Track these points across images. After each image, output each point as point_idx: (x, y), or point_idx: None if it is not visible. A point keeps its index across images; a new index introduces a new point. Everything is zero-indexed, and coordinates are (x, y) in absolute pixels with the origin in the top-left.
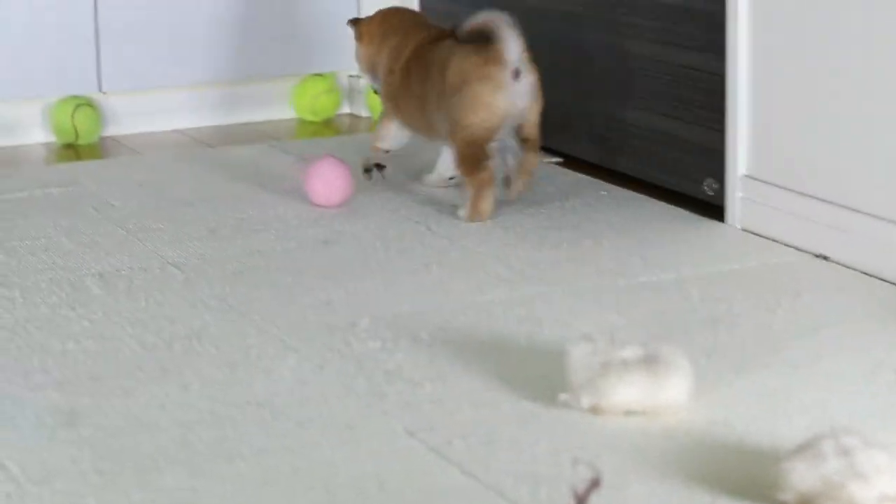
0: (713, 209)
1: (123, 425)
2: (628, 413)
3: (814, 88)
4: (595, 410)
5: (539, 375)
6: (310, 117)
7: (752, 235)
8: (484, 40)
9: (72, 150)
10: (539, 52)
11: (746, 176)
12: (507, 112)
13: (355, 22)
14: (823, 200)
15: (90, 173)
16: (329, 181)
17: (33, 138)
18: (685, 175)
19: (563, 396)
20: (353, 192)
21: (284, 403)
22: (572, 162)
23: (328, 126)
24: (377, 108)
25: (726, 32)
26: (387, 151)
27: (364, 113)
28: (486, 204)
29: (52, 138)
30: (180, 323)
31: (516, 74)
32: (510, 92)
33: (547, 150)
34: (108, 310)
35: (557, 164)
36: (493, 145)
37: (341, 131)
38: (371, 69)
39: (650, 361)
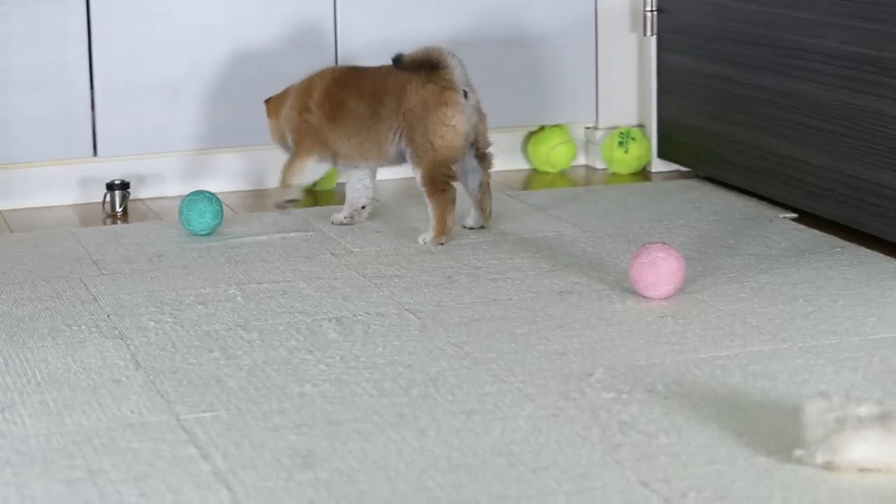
0: None
1: (360, 469)
2: (863, 470)
3: None
4: (829, 467)
5: (774, 431)
6: (546, 168)
7: None
8: (428, 68)
9: (310, 196)
10: (773, 108)
11: None
12: (469, 130)
13: (268, 101)
14: None
15: (328, 219)
16: (662, 273)
17: (273, 184)
18: None
19: (797, 452)
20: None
21: (520, 451)
22: (807, 217)
23: (563, 177)
24: (614, 160)
25: None
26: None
27: (599, 165)
28: (451, 221)
29: None
30: (417, 369)
31: (465, 95)
32: (467, 110)
33: (781, 205)
34: (345, 354)
35: (792, 219)
36: (457, 166)
37: (577, 183)
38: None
39: (886, 419)
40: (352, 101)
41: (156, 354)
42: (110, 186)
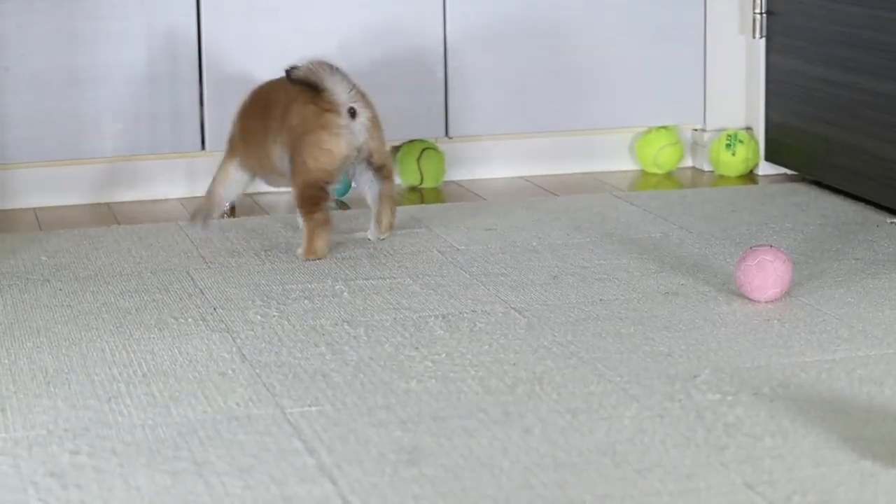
0: None
1: (465, 466)
2: None
3: None
4: None
5: (880, 436)
6: (653, 169)
7: None
8: (312, 88)
9: (416, 194)
10: (881, 112)
11: None
12: (348, 153)
13: None
14: None
15: (434, 216)
16: (769, 275)
17: None
18: None
19: None
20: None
21: (625, 451)
22: None
23: (670, 179)
24: (721, 163)
25: None
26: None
27: (706, 167)
28: (322, 242)
29: (397, 181)
30: (522, 367)
31: (353, 114)
32: (348, 133)
33: (889, 209)
34: (450, 351)
35: None
36: (333, 187)
37: (683, 185)
38: None
39: None
40: (252, 117)
41: (262, 348)
42: None
